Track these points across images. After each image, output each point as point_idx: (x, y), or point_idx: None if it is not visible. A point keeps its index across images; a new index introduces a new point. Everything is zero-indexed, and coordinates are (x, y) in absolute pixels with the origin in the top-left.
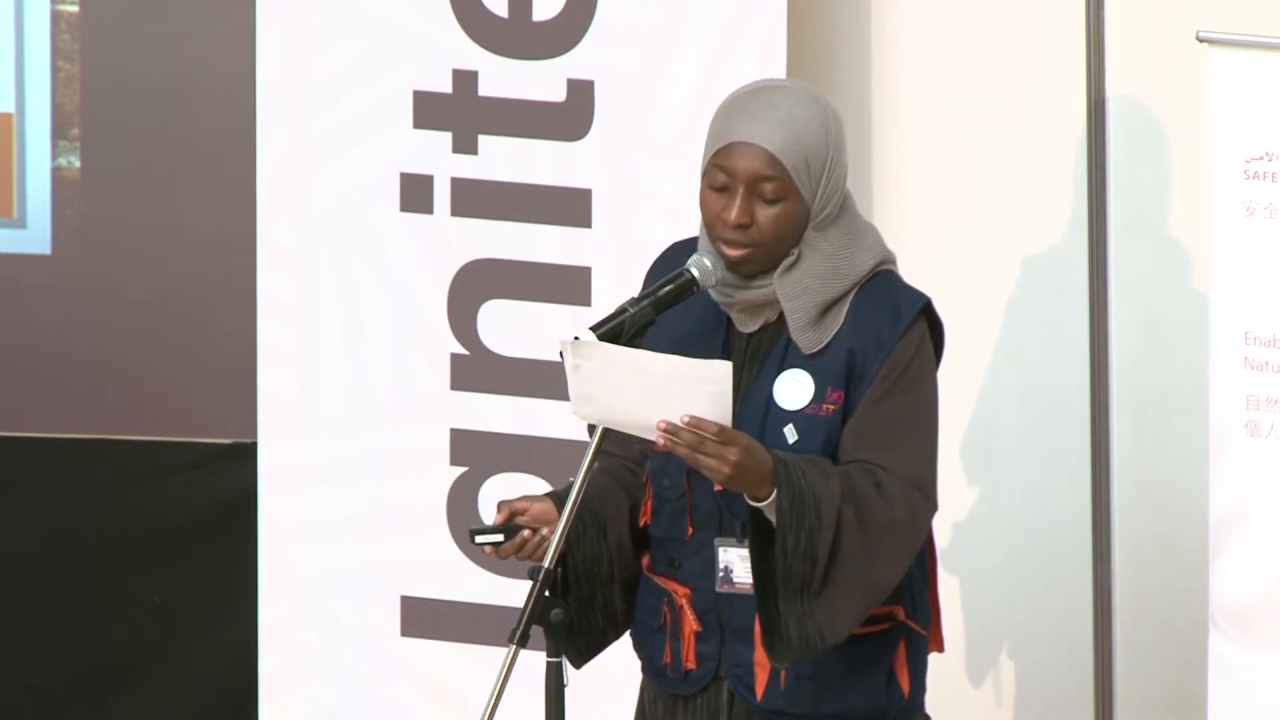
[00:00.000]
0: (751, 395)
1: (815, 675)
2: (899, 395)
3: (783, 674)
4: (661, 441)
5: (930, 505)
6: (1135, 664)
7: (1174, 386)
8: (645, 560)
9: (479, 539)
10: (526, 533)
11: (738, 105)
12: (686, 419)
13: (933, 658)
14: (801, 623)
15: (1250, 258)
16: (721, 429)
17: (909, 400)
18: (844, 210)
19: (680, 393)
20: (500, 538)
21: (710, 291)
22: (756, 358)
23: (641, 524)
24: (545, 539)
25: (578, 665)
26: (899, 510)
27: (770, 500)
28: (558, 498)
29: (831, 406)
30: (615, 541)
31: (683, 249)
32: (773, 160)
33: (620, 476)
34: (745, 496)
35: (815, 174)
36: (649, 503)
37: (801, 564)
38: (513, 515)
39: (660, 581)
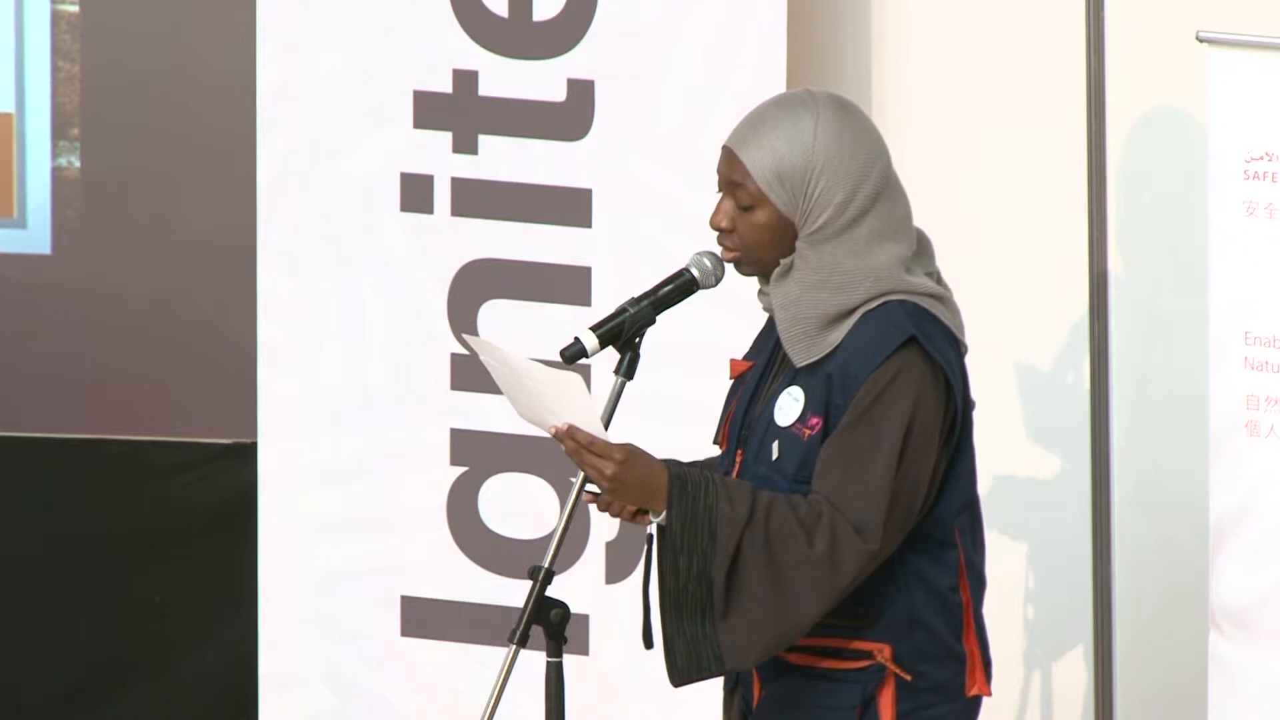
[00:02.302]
0: (766, 407)
1: (785, 696)
2: (864, 429)
3: (762, 689)
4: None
5: (864, 548)
6: (1135, 664)
7: (1174, 386)
8: None
9: None
10: None
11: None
12: (566, 426)
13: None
14: (695, 645)
15: (1250, 258)
16: (593, 440)
17: (874, 435)
18: (855, 228)
19: (558, 399)
20: None
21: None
22: (783, 370)
23: None
24: None
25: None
26: (818, 546)
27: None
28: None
29: (809, 431)
30: None
31: None
32: (742, 168)
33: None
34: (651, 513)
35: (791, 188)
36: None
37: (696, 586)
38: None
39: None
